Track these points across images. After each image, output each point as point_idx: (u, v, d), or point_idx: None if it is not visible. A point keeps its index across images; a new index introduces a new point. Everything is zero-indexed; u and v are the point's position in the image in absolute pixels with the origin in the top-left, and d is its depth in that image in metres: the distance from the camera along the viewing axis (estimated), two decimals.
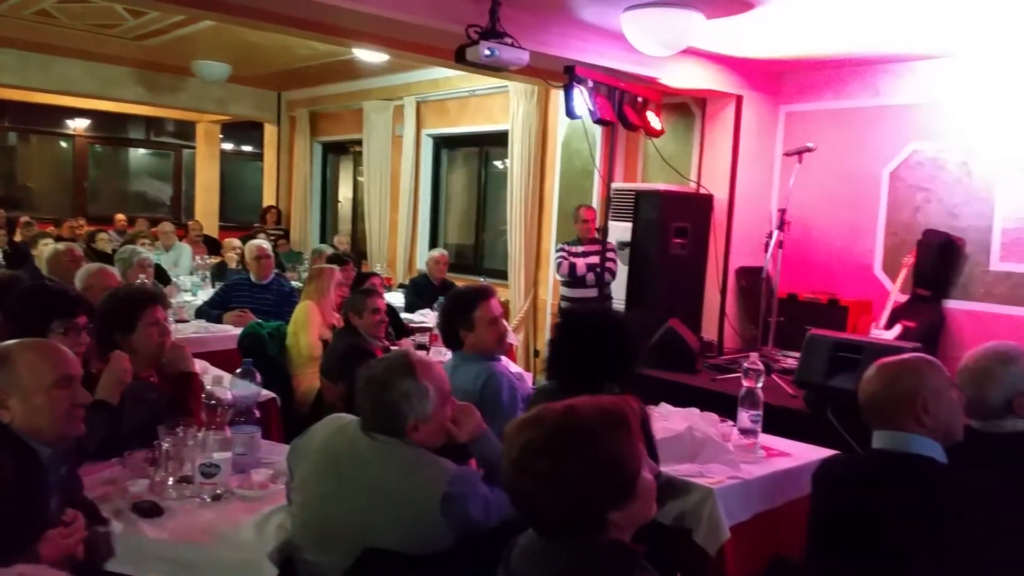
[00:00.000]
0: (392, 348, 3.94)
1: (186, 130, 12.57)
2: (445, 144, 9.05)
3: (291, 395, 4.23)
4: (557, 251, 6.26)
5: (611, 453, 1.34)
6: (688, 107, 6.48)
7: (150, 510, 2.15)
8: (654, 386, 4.38)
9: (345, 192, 11.00)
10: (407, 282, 7.43)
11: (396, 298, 6.71)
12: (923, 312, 5.29)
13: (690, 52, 5.48)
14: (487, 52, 3.97)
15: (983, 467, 2.01)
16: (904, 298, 5.39)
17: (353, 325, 3.86)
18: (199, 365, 3.29)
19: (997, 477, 1.92)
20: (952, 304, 5.35)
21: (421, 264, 7.80)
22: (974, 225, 5.27)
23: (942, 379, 1.89)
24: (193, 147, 12.44)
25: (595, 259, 5.78)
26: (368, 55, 6.89)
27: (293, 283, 5.92)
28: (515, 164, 7.49)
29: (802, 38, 5.12)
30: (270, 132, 11.32)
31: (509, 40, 4.11)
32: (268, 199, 11.26)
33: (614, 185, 6.61)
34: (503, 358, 3.32)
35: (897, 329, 5.10)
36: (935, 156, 5.45)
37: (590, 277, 5.91)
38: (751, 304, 5.95)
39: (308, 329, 4.35)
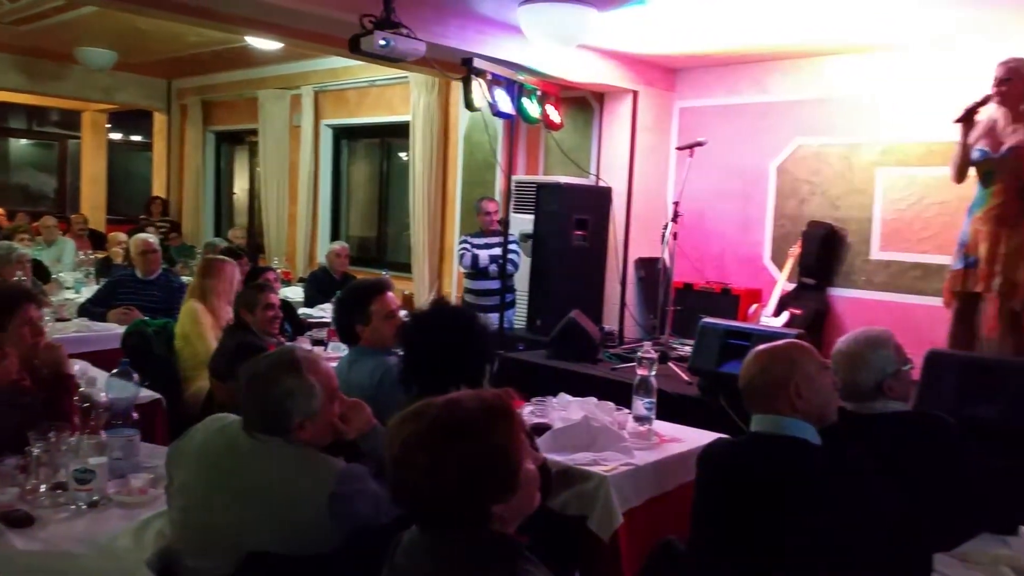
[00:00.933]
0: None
1: (71, 119, 11.94)
2: (345, 135, 8.90)
3: (181, 396, 4.08)
4: (460, 243, 6.26)
5: (493, 445, 1.34)
6: (587, 101, 6.57)
7: (21, 520, 2.03)
8: (555, 376, 4.43)
9: (241, 184, 10.68)
10: (307, 276, 7.29)
11: (295, 293, 6.57)
12: (809, 300, 5.53)
13: (587, 48, 5.55)
14: (382, 42, 3.91)
15: (857, 447, 2.11)
16: (791, 286, 5.62)
17: (245, 321, 3.75)
18: (78, 366, 3.15)
19: (868, 456, 2.02)
20: (835, 292, 5.61)
21: (322, 258, 7.65)
22: (855, 216, 5.53)
23: (814, 364, 1.98)
24: (79, 137, 11.82)
25: (498, 251, 5.80)
26: (262, 43, 6.70)
27: (184, 279, 5.71)
28: (417, 156, 7.44)
29: (694, 36, 5.26)
30: (160, 121, 10.90)
31: (405, 31, 4.07)
32: (158, 191, 10.83)
33: (515, 178, 6.66)
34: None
35: (785, 316, 5.31)
36: (819, 150, 5.69)
37: (493, 269, 5.93)
38: (650, 294, 6.08)
39: (204, 338, 4.10)
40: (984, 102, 4.12)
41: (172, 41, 7.80)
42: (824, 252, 5.56)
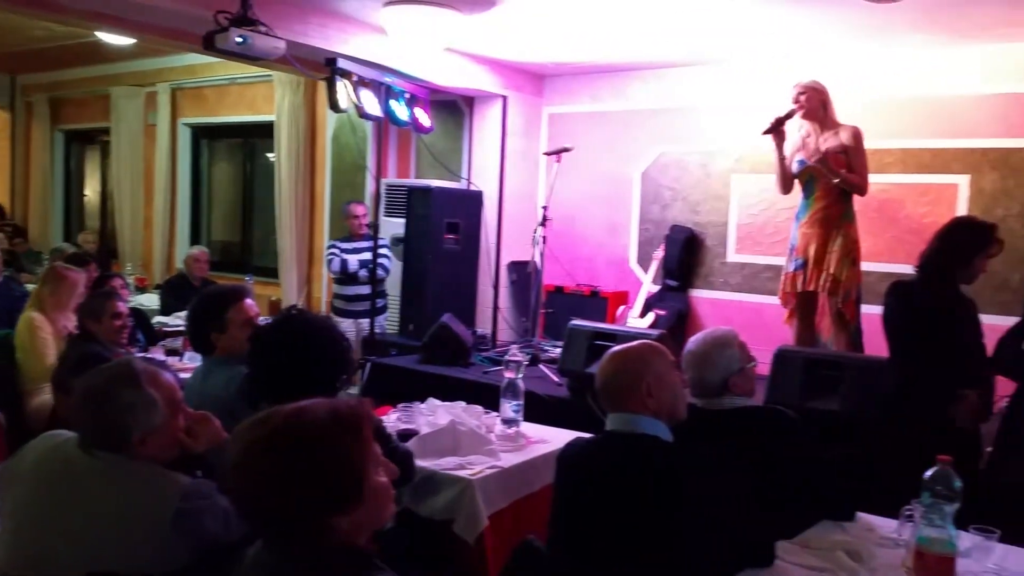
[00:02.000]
0: (144, 357, 3.64)
1: None
2: (205, 135, 8.55)
3: (23, 411, 3.82)
4: (328, 248, 6.14)
5: (337, 456, 1.30)
6: (457, 105, 6.57)
7: None
8: (428, 381, 4.41)
9: (93, 186, 10.09)
10: (163, 283, 6.96)
11: (151, 300, 6.27)
12: (672, 301, 5.75)
13: (455, 51, 5.56)
14: (238, 39, 3.77)
15: (706, 441, 2.21)
16: (656, 288, 5.81)
17: (91, 331, 3.54)
18: None
19: (716, 450, 2.11)
20: (696, 293, 5.85)
21: (180, 263, 7.33)
22: (713, 221, 5.78)
23: (665, 364, 2.05)
24: None
25: (368, 255, 5.72)
26: (114, 38, 6.34)
27: (28, 286, 5.34)
28: (283, 158, 7.25)
29: (558, 43, 5.35)
30: (2, 119, 10.16)
31: (263, 28, 3.94)
32: (1, 194, 10.10)
33: (386, 181, 6.60)
34: None
35: (651, 317, 5.49)
36: (680, 158, 5.91)
37: (363, 274, 5.85)
38: (522, 297, 6.15)
39: (42, 350, 3.83)
40: (788, 116, 4.45)
41: (15, 34, 7.29)
42: (685, 255, 5.79)
